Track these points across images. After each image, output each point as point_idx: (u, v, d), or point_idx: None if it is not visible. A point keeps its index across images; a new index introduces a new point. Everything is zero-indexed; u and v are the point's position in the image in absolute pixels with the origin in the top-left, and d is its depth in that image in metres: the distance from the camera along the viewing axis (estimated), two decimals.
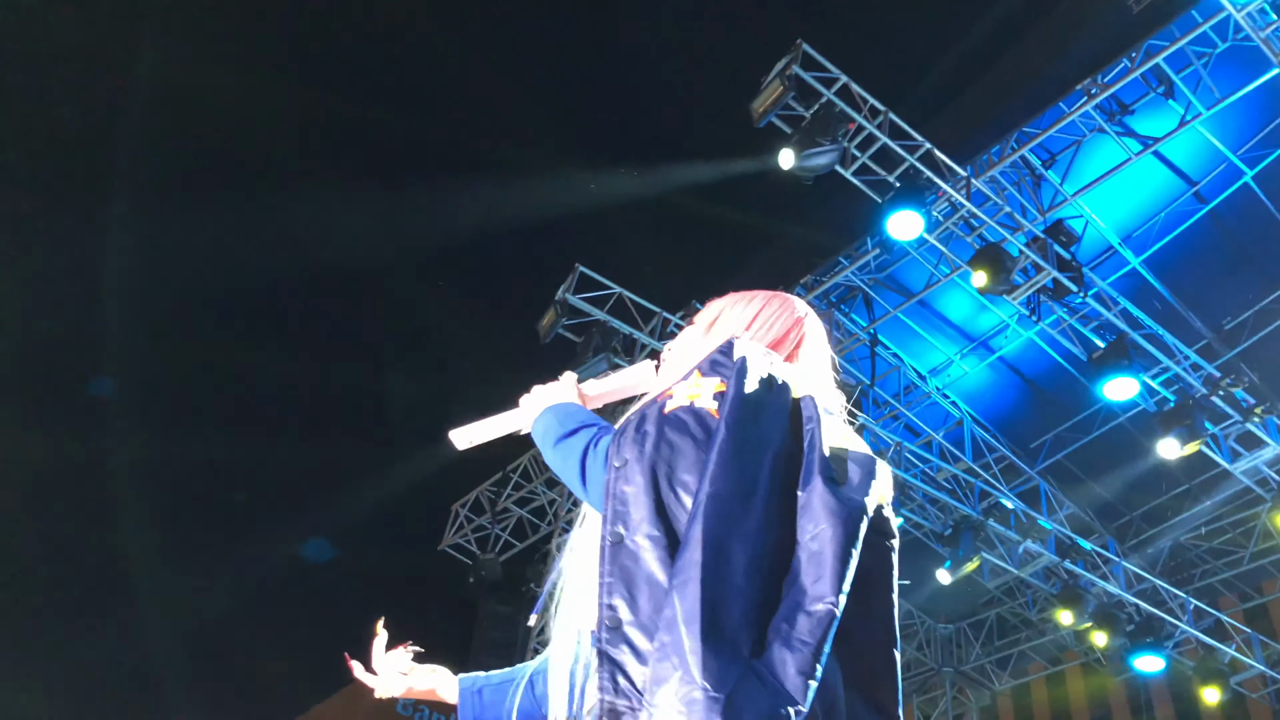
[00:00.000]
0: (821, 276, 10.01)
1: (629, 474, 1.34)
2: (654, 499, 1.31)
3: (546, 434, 1.60)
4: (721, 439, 1.33)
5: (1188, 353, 9.23)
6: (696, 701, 1.11)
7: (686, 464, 1.34)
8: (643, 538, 1.29)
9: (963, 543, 9.95)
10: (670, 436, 1.37)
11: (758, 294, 1.76)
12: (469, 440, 1.80)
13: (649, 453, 1.35)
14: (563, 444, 1.54)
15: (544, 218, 11.37)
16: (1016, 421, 11.48)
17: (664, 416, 1.40)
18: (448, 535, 11.98)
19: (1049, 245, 8.45)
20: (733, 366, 1.46)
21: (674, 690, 1.13)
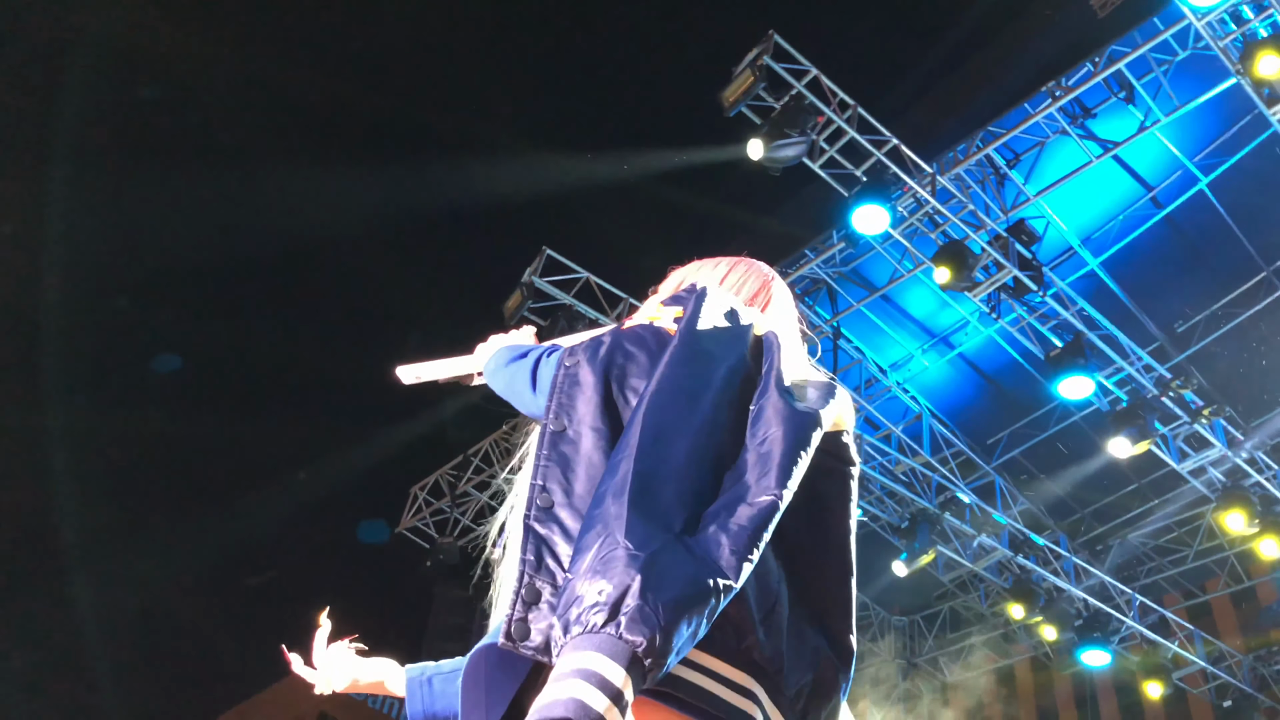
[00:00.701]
0: (787, 268, 10.07)
1: (578, 372, 1.34)
2: (602, 396, 1.30)
3: (499, 360, 1.62)
4: (674, 346, 1.33)
5: (1141, 354, 9.42)
6: (616, 559, 1.02)
7: (638, 370, 1.34)
8: (586, 429, 1.27)
9: (919, 535, 10.09)
10: (625, 345, 1.38)
11: (723, 259, 1.78)
12: (415, 376, 1.79)
13: (602, 356, 1.36)
14: (516, 361, 1.55)
15: (513, 199, 11.34)
16: (974, 417, 11.65)
17: (621, 331, 1.43)
18: (405, 518, 11.91)
19: (1010, 244, 8.57)
20: (694, 295, 1.48)
21: (593, 552, 1.05)
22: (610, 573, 1.02)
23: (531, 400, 1.47)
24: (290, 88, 11.56)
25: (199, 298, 13.49)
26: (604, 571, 1.02)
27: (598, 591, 1.01)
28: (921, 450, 10.75)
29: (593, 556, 1.05)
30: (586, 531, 1.10)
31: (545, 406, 1.32)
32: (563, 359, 1.39)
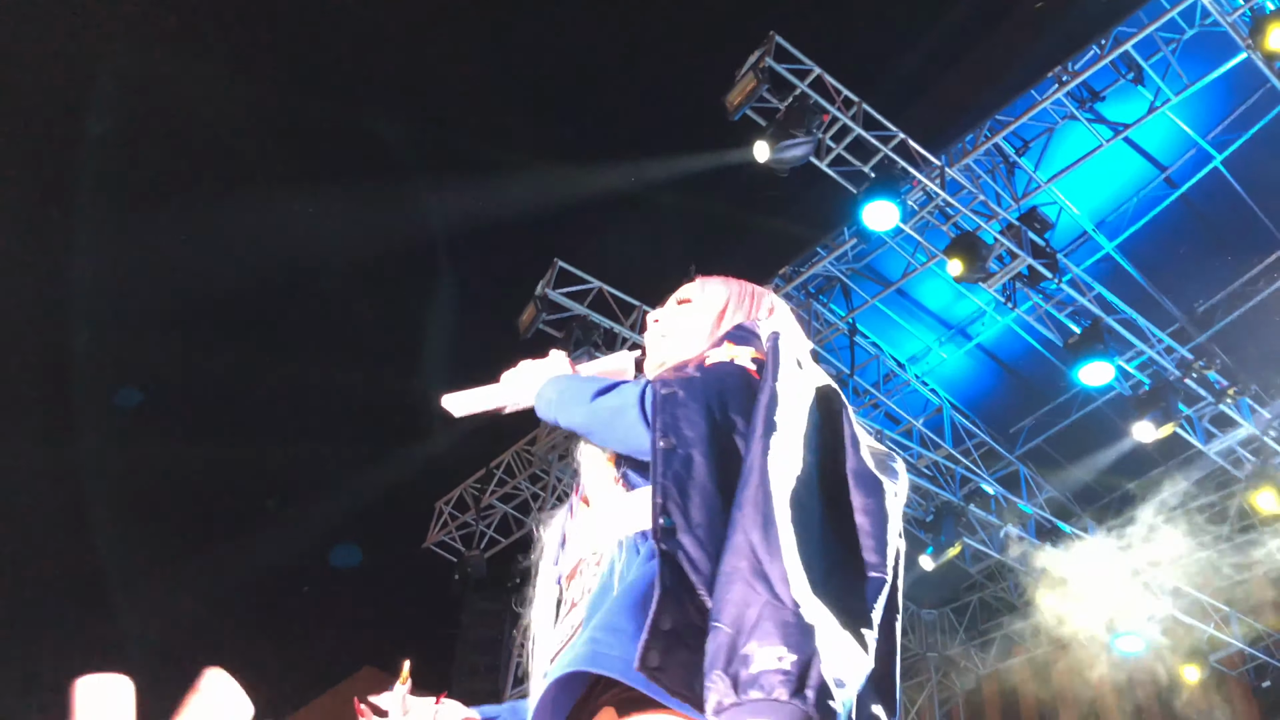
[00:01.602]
0: (800, 267, 10.05)
1: (678, 397, 1.34)
2: (706, 421, 1.31)
3: (570, 396, 1.55)
4: (767, 402, 1.33)
5: (1161, 336, 9.34)
6: (789, 625, 1.06)
7: (735, 404, 1.36)
8: (695, 452, 1.27)
9: (944, 528, 10.04)
10: (715, 377, 1.40)
11: (750, 286, 1.82)
12: (463, 407, 1.75)
13: (698, 386, 1.36)
14: (603, 398, 1.48)
15: (521, 213, 11.37)
16: (995, 407, 11.58)
17: (706, 366, 1.43)
18: (432, 533, 11.97)
19: (1023, 232, 8.52)
20: (762, 338, 1.51)
21: (757, 610, 1.08)
22: (787, 638, 1.05)
23: (644, 437, 1.39)
24: (289, 112, 11.65)
25: (212, 326, 13.61)
26: (777, 634, 1.05)
27: (777, 658, 1.03)
28: (943, 443, 10.70)
29: (758, 615, 1.07)
30: (733, 579, 1.12)
31: (651, 424, 1.32)
32: (655, 386, 1.38)
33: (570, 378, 1.63)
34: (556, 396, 1.58)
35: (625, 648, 1.15)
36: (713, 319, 1.73)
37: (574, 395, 1.54)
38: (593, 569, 1.43)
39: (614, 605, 1.25)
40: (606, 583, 1.35)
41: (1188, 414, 9.28)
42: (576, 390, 1.55)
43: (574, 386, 1.57)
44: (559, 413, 1.56)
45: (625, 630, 1.18)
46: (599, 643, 1.18)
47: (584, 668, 1.17)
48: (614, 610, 1.24)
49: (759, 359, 1.46)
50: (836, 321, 10.14)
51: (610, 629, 1.20)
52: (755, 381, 1.41)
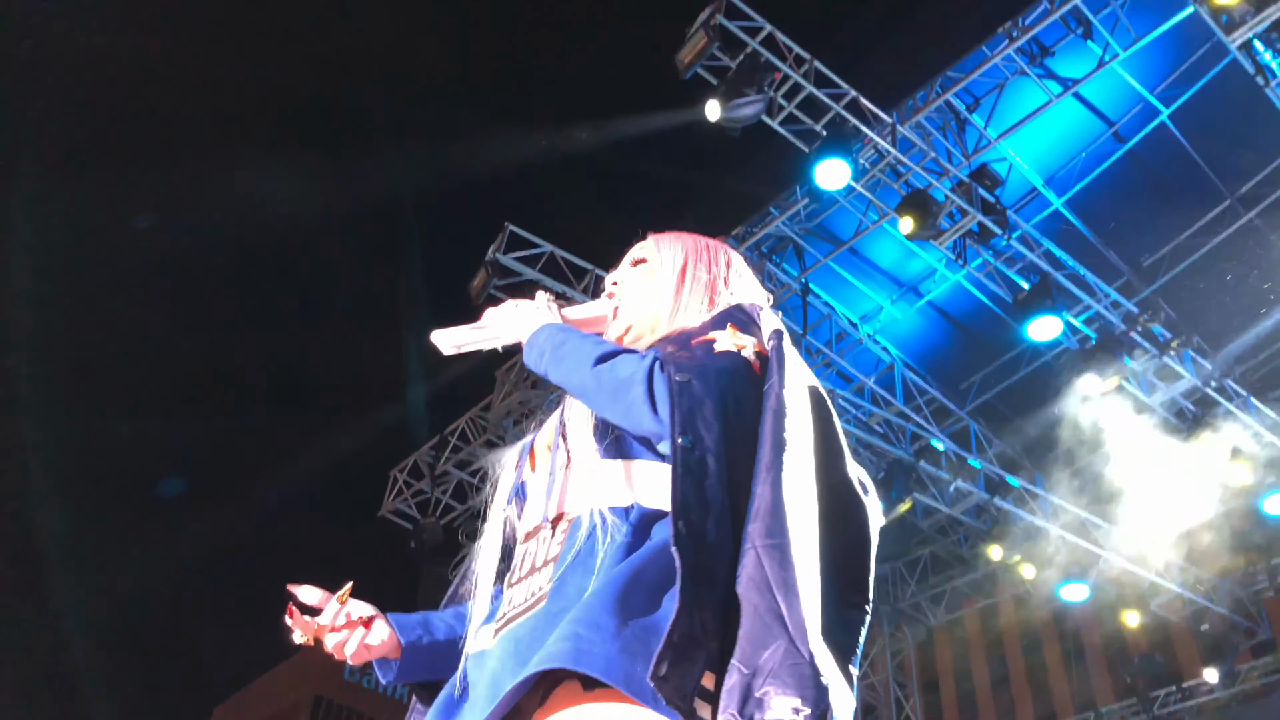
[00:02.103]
0: (753, 228, 10.03)
1: (694, 390, 1.31)
2: (722, 424, 1.29)
3: (569, 355, 1.47)
4: (776, 411, 1.33)
5: (1108, 291, 9.47)
6: (805, 677, 1.09)
7: (746, 406, 1.35)
8: (711, 458, 1.25)
9: (895, 485, 10.17)
10: (727, 372, 1.37)
11: (705, 240, 1.78)
12: (451, 344, 1.66)
13: (711, 380, 1.34)
14: (607, 367, 1.41)
15: (471, 178, 11.24)
16: (946, 364, 11.71)
17: (716, 354, 1.41)
18: (387, 501, 11.86)
19: (974, 189, 8.57)
20: (763, 329, 1.49)
21: (774, 655, 1.11)
22: (804, 691, 1.08)
23: (648, 419, 1.34)
24: (236, 82, 11.34)
25: (164, 298, 13.33)
26: (794, 686, 1.08)
27: (792, 709, 1.07)
28: (895, 400, 10.80)
29: (776, 662, 1.10)
30: (751, 616, 1.14)
31: (669, 421, 1.29)
32: (671, 374, 1.34)
33: (566, 332, 1.54)
34: (552, 351, 1.51)
35: (607, 645, 1.15)
36: (674, 279, 1.67)
37: (573, 355, 1.47)
38: (558, 535, 1.39)
39: (595, 598, 1.22)
40: (581, 561, 1.32)
41: (1132, 367, 9.45)
42: (576, 350, 1.47)
43: (573, 344, 1.49)
44: (553, 368, 1.49)
45: (607, 627, 1.17)
46: (582, 639, 1.15)
47: (569, 665, 1.15)
48: (595, 605, 1.21)
49: (761, 353, 1.44)
50: (790, 282, 10.14)
51: (593, 625, 1.17)
52: (758, 379, 1.39)
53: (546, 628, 1.26)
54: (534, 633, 1.28)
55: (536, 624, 1.29)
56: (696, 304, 1.64)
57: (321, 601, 1.54)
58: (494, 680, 1.29)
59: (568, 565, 1.33)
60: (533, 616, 1.31)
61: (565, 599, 1.28)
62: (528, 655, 1.24)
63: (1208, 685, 13.23)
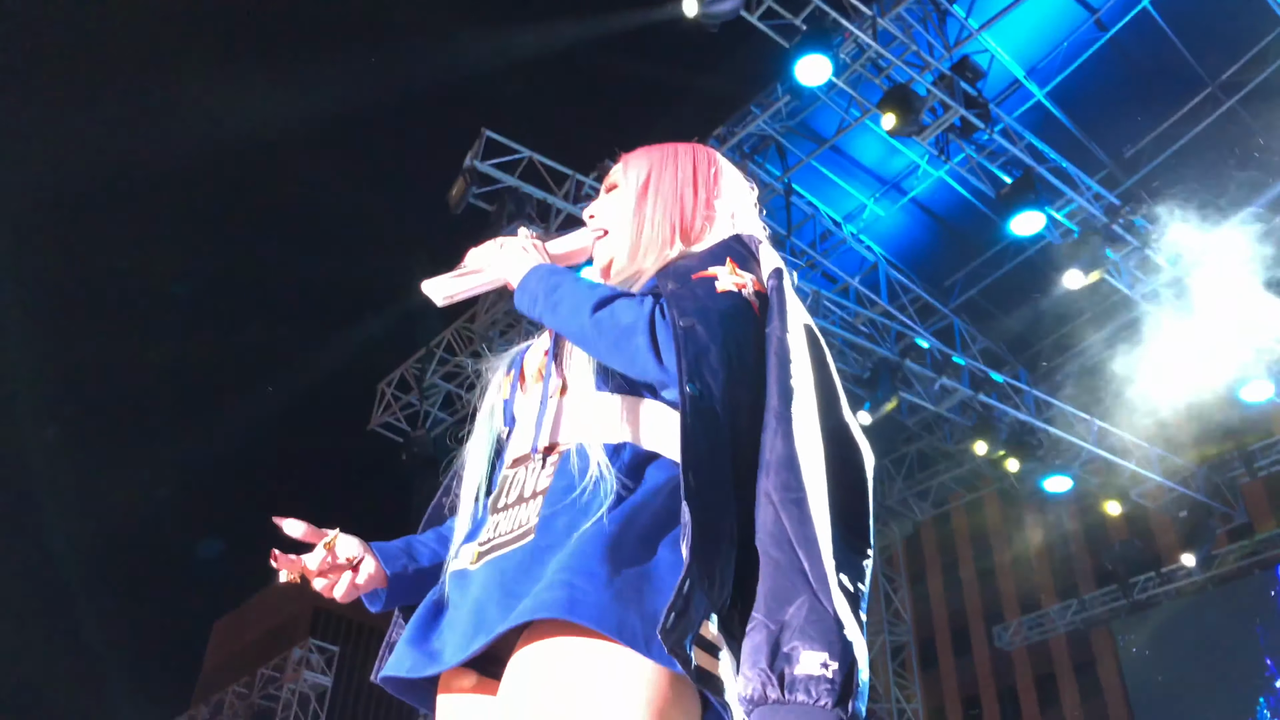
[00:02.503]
0: (734, 127, 9.91)
1: (698, 336, 1.29)
2: (727, 372, 1.28)
3: (564, 300, 1.42)
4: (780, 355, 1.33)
5: (1090, 183, 9.44)
6: (830, 631, 1.12)
7: (749, 350, 1.34)
8: (720, 408, 1.25)
9: (881, 384, 10.25)
10: (730, 315, 1.36)
11: (673, 147, 1.70)
12: (443, 293, 1.60)
13: (715, 323, 1.32)
14: (607, 313, 1.36)
15: (445, 84, 11.02)
16: (930, 261, 11.71)
17: (718, 294, 1.38)
18: (376, 415, 11.93)
19: (955, 83, 8.46)
20: (761, 265, 1.47)
21: (799, 609, 1.13)
22: (830, 645, 1.12)
23: (652, 367, 1.32)
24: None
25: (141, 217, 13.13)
26: (821, 641, 1.12)
27: (820, 663, 1.11)
28: (879, 299, 10.83)
29: (803, 617, 1.13)
30: (773, 572, 1.16)
31: (677, 368, 1.26)
32: (672, 316, 1.31)
33: (558, 274, 1.48)
34: (545, 295, 1.44)
35: (600, 593, 1.16)
36: (635, 198, 1.62)
37: (569, 300, 1.41)
38: (548, 467, 1.38)
39: (588, 544, 1.22)
40: (571, 498, 1.31)
41: (1115, 260, 9.48)
42: (571, 294, 1.41)
43: (567, 288, 1.42)
44: (548, 314, 1.43)
45: (599, 575, 1.18)
46: (575, 588, 1.17)
47: (563, 615, 1.15)
48: (588, 551, 1.21)
49: (760, 292, 1.42)
50: (772, 182, 10.07)
51: (586, 573, 1.18)
52: (757, 320, 1.38)
53: (533, 564, 1.27)
54: (520, 566, 1.29)
55: (523, 558, 1.29)
56: (663, 217, 1.58)
57: (306, 535, 1.50)
58: (478, 609, 1.29)
59: (557, 500, 1.32)
60: (520, 550, 1.30)
61: (553, 535, 1.28)
62: (514, 589, 1.26)
63: (1185, 569, 13.60)
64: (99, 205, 26.83)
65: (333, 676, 18.95)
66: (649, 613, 1.17)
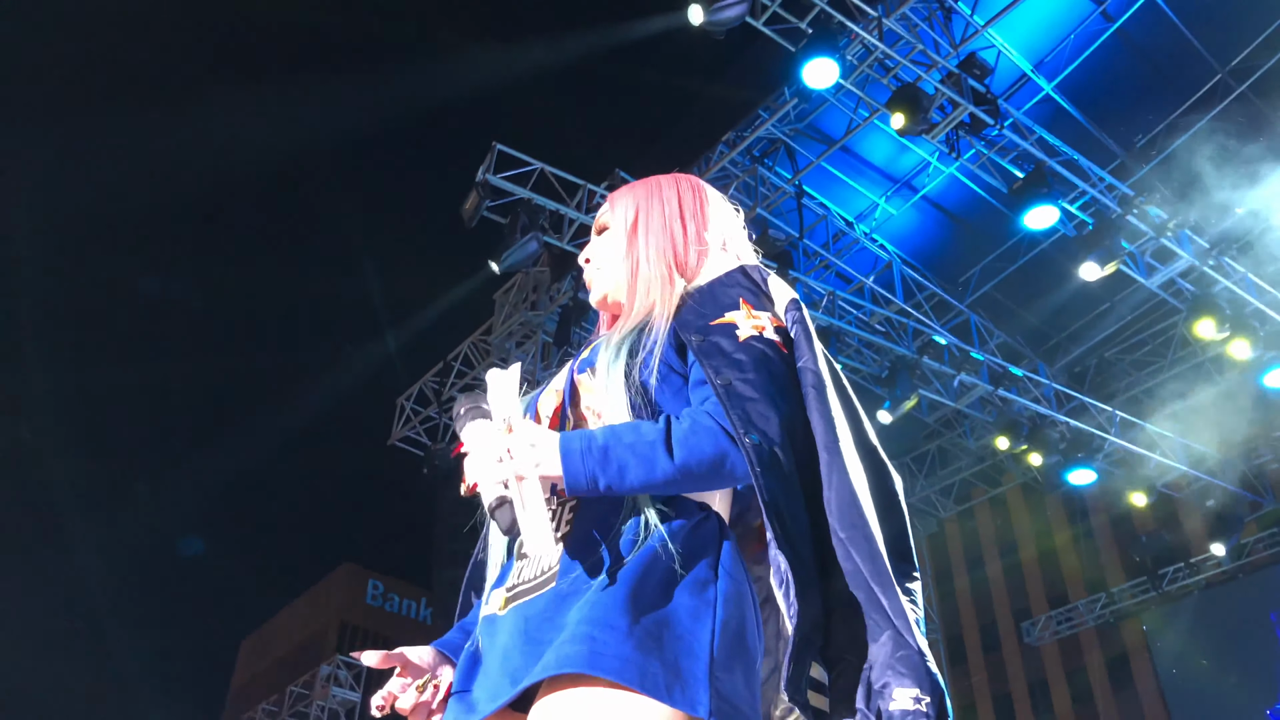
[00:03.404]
0: (743, 132, 9.93)
1: (739, 392, 1.31)
2: (778, 419, 1.30)
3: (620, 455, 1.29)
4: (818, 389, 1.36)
5: (1103, 174, 9.40)
6: (917, 664, 1.16)
7: (789, 392, 1.36)
8: (779, 449, 1.27)
9: (900, 382, 10.24)
10: (761, 362, 1.37)
11: (657, 181, 1.70)
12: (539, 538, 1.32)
13: (751, 374, 1.33)
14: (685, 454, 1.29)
15: (454, 99, 11.10)
16: (944, 258, 11.69)
17: (742, 344, 1.39)
18: (396, 430, 12.00)
19: (963, 80, 8.45)
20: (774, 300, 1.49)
21: (885, 646, 1.17)
22: (920, 680, 1.16)
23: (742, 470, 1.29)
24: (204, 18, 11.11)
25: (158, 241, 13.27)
26: (911, 676, 1.17)
27: (913, 698, 1.15)
28: (895, 298, 10.82)
29: (888, 653, 1.18)
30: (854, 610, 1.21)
31: (731, 426, 1.28)
32: (710, 377, 1.33)
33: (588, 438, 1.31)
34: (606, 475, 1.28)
35: (620, 645, 1.17)
36: (624, 233, 1.62)
37: (632, 459, 1.28)
38: (567, 512, 1.39)
39: (608, 595, 1.22)
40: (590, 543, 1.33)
41: (1130, 250, 9.44)
42: (631, 450, 1.29)
43: (617, 450, 1.29)
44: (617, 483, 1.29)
45: (619, 627, 1.18)
46: (596, 641, 1.17)
47: (584, 670, 1.16)
48: (608, 603, 1.21)
49: (780, 327, 1.44)
50: (783, 185, 10.08)
51: (606, 625, 1.19)
52: (787, 357, 1.41)
53: (555, 611, 1.28)
54: (544, 613, 1.30)
55: (547, 605, 1.31)
56: (657, 255, 1.57)
57: (381, 663, 1.44)
58: (505, 657, 1.31)
59: (577, 547, 1.33)
60: (542, 597, 1.32)
61: (574, 581, 1.30)
62: (537, 635, 1.28)
63: (1215, 559, 13.50)
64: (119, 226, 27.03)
65: (361, 692, 19.01)
66: (669, 660, 1.17)
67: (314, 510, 17.94)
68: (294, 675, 22.42)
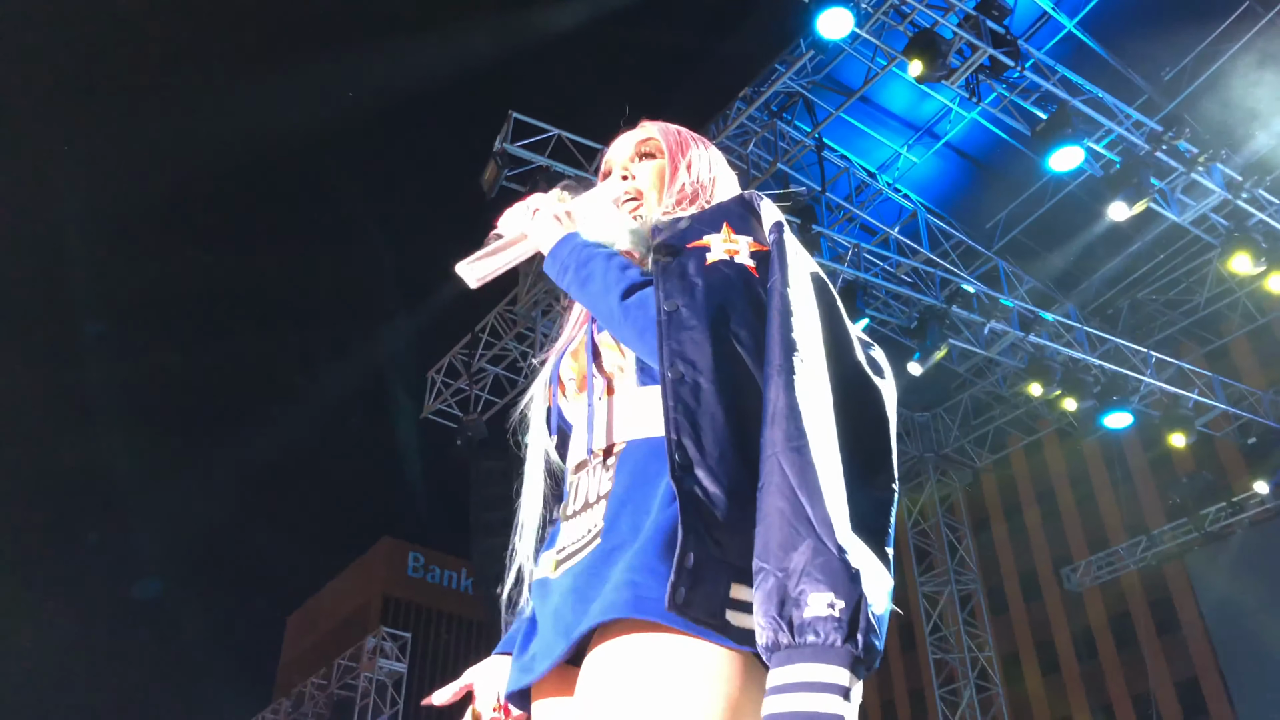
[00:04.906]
0: (760, 87, 9.81)
1: (682, 319, 1.33)
2: (712, 344, 1.31)
3: (594, 280, 1.46)
4: (781, 311, 1.33)
5: (1129, 111, 9.21)
6: (835, 569, 1.12)
7: (738, 318, 1.36)
8: (704, 380, 1.28)
9: (929, 333, 10.16)
10: (718, 287, 1.37)
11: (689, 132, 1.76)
12: (477, 275, 1.59)
13: (700, 301, 1.35)
14: (634, 301, 1.41)
15: (468, 69, 11.05)
16: (969, 205, 11.54)
17: (707, 267, 1.40)
18: (428, 404, 12.09)
19: (981, 22, 8.29)
20: (762, 220, 1.48)
21: (802, 554, 1.13)
22: (836, 585, 1.11)
23: (640, 343, 1.38)
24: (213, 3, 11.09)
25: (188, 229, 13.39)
26: (826, 581, 1.11)
27: (827, 604, 1.10)
28: (921, 248, 10.71)
29: (806, 560, 1.12)
30: (776, 521, 1.16)
31: (657, 353, 1.31)
32: (658, 301, 1.35)
33: (590, 248, 1.51)
34: (575, 268, 1.49)
35: (663, 588, 1.18)
36: (670, 169, 1.68)
37: (600, 278, 1.45)
38: (608, 469, 1.42)
39: (648, 542, 1.26)
40: (630, 497, 1.35)
41: (1160, 187, 9.26)
42: (602, 274, 1.45)
43: (598, 266, 1.47)
44: (576, 289, 1.48)
45: (660, 571, 1.21)
46: (639, 586, 1.21)
47: (631, 614, 1.20)
48: (648, 549, 1.25)
49: (759, 250, 1.43)
50: (803, 139, 9.96)
51: (648, 570, 1.22)
52: (756, 281, 1.39)
53: (603, 565, 1.31)
54: (591, 569, 1.33)
55: (593, 562, 1.34)
56: (691, 198, 1.65)
57: (455, 699, 1.57)
58: (558, 617, 1.35)
59: (618, 501, 1.36)
60: (590, 555, 1.35)
61: (619, 535, 1.32)
62: (587, 593, 1.30)
63: (1258, 497, 13.34)
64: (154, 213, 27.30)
65: (407, 662, 19.32)
66: None
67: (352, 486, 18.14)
68: (340, 649, 22.81)
